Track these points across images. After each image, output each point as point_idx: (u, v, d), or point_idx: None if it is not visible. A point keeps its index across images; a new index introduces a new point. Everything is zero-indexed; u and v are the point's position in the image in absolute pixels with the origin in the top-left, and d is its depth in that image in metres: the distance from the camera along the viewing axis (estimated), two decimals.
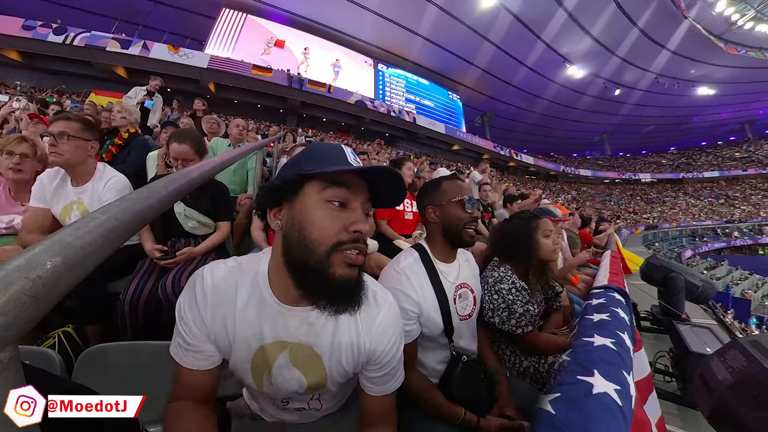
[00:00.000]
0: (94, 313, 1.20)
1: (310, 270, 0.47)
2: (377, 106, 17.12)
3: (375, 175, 0.52)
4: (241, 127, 2.59)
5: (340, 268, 0.47)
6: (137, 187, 0.45)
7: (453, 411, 0.79)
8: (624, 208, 25.92)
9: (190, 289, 0.54)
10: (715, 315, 3.74)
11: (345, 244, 0.47)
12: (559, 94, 25.82)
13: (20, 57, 11.49)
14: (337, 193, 0.48)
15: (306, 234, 0.47)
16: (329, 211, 0.48)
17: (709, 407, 0.97)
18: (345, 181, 0.49)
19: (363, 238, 0.49)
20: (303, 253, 0.47)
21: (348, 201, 0.49)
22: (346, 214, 0.49)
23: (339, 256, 0.47)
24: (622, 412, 0.49)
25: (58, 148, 1.18)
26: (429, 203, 0.95)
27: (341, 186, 0.49)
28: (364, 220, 0.49)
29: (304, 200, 0.49)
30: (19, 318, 0.21)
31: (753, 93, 27.18)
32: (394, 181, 0.53)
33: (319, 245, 0.46)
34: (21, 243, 1.26)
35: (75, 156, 1.22)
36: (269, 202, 0.52)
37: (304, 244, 0.47)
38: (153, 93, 3.95)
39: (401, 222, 2.06)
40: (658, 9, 19.12)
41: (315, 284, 0.48)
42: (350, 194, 0.49)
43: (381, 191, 0.54)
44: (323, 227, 0.47)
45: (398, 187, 0.54)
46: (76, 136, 1.21)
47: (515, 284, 1.05)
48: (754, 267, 14.00)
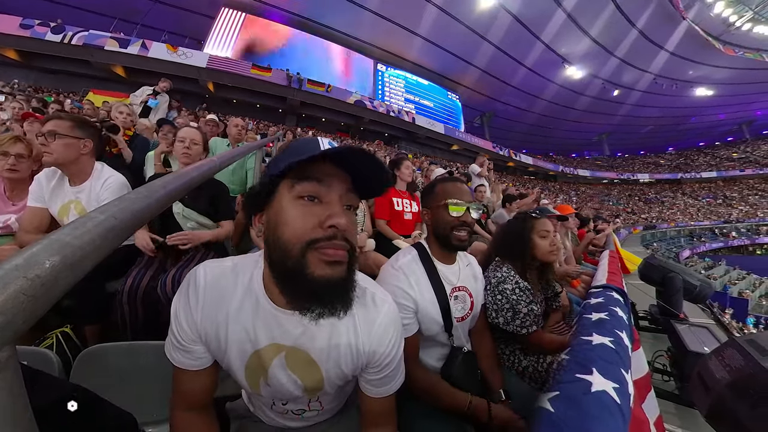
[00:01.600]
0: (92, 313, 1.19)
1: (288, 272, 0.44)
2: (376, 106, 17.11)
3: (351, 161, 0.47)
4: (240, 126, 2.59)
5: (318, 268, 0.43)
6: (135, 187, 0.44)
7: (459, 398, 0.79)
8: (622, 208, 26.00)
9: (184, 288, 0.53)
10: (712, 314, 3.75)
11: (320, 241, 0.43)
12: (558, 94, 25.88)
13: (18, 56, 11.43)
14: (306, 187, 0.45)
15: (279, 235, 0.44)
16: (300, 207, 0.45)
17: (706, 406, 0.98)
18: (316, 174, 0.46)
19: (341, 234, 0.44)
20: (280, 255, 0.44)
21: (320, 195, 0.46)
22: (320, 208, 0.45)
23: (315, 254, 0.43)
24: (620, 410, 0.49)
25: (49, 147, 1.17)
26: (424, 206, 0.96)
27: (311, 180, 0.45)
28: (341, 214, 0.45)
29: (279, 201, 0.47)
30: (17, 317, 0.21)
31: (750, 94, 27.32)
32: (370, 163, 0.47)
33: (292, 246, 0.43)
34: (19, 243, 1.25)
35: (66, 155, 1.21)
36: (253, 209, 0.50)
37: (279, 246, 0.44)
38: (158, 93, 4.01)
39: (400, 222, 2.06)
40: (656, 10, 19.20)
41: (295, 287, 0.45)
42: (322, 187, 0.46)
43: (365, 179, 0.49)
44: (295, 226, 0.44)
45: (376, 169, 0.48)
46: (66, 135, 1.20)
47: (519, 284, 1.05)
48: (752, 267, 14.07)
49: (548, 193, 21.78)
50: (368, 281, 0.61)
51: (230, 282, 0.53)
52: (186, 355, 0.53)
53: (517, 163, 25.62)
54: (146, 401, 0.75)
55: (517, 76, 23.39)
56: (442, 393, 0.80)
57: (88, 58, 11.71)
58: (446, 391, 0.80)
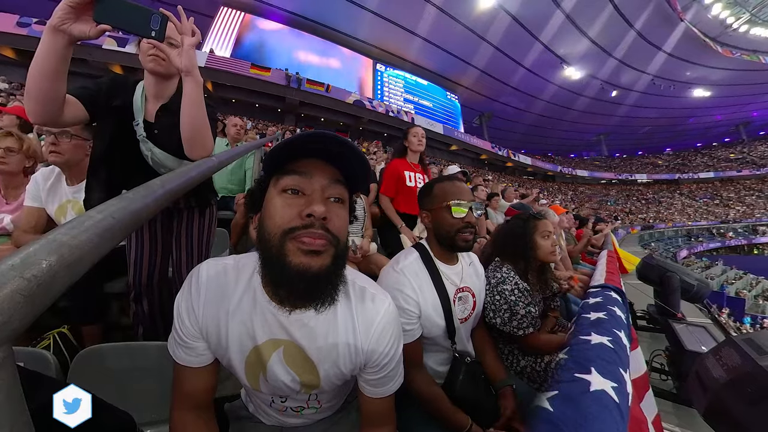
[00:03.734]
0: (90, 314, 1.18)
1: (270, 262, 0.46)
2: (375, 106, 17.12)
3: (335, 154, 0.48)
4: (238, 126, 2.58)
5: (295, 256, 0.44)
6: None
7: (459, 420, 0.78)
8: (620, 208, 26.11)
9: (187, 283, 0.54)
10: (710, 314, 3.77)
11: (297, 230, 0.45)
12: (556, 95, 25.97)
13: (15, 54, 11.35)
14: (289, 181, 0.47)
15: (264, 227, 0.47)
16: (284, 199, 0.47)
17: (704, 404, 0.98)
18: (299, 167, 0.48)
19: (320, 223, 0.45)
20: (264, 246, 0.47)
21: (302, 187, 0.47)
22: (302, 200, 0.47)
23: (293, 243, 0.45)
24: (618, 409, 0.49)
25: (60, 147, 1.16)
26: (422, 208, 0.92)
27: (292, 173, 0.48)
28: (319, 202, 0.46)
29: (268, 197, 0.49)
30: (14, 318, 0.21)
31: (747, 95, 27.51)
32: (349, 152, 0.48)
33: (273, 235, 0.45)
34: (15, 243, 1.24)
35: (75, 155, 1.21)
36: (253, 208, 0.52)
37: (263, 238, 0.47)
38: None
39: (411, 200, 1.79)
40: (654, 11, 19.29)
41: (275, 276, 0.47)
42: (303, 179, 0.47)
43: (352, 171, 0.51)
44: (276, 216, 0.46)
45: (354, 158, 0.49)
46: (78, 135, 1.20)
47: (518, 285, 1.05)
48: (749, 267, 14.14)
49: (547, 193, 21.85)
50: (367, 281, 0.61)
51: (231, 279, 0.54)
52: (188, 352, 0.53)
53: (516, 163, 25.67)
54: (145, 402, 0.74)
55: (515, 77, 23.44)
56: (443, 409, 0.79)
57: (86, 57, 11.63)
58: (447, 409, 0.79)
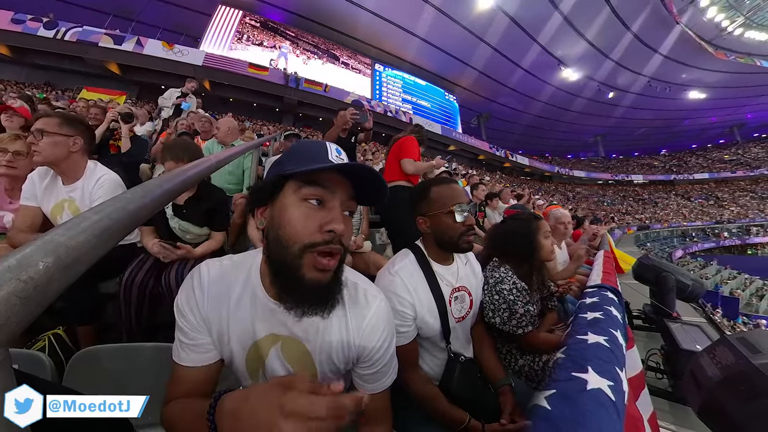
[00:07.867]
0: (86, 315, 1.18)
1: (283, 268, 0.47)
2: (374, 106, 17.11)
3: (355, 172, 0.51)
4: (228, 128, 2.47)
5: (309, 270, 0.46)
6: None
7: (457, 416, 0.78)
8: (617, 208, 26.32)
9: (188, 284, 0.55)
10: (704, 313, 3.82)
11: (318, 245, 0.46)
12: (554, 96, 26.10)
13: (9, 51, 11.20)
14: (313, 191, 0.48)
15: (281, 233, 0.47)
16: (305, 209, 0.48)
17: (698, 403, 0.99)
18: (322, 179, 0.49)
19: (338, 239, 0.47)
20: (279, 251, 0.48)
21: (325, 200, 0.49)
22: (322, 213, 0.48)
23: (311, 257, 0.46)
24: (615, 407, 0.50)
25: (37, 145, 1.16)
26: (418, 214, 0.90)
27: (317, 185, 0.48)
28: (340, 220, 0.48)
29: (283, 199, 0.49)
30: (10, 320, 0.21)
31: (742, 97, 27.82)
32: (372, 178, 0.52)
33: (292, 244, 0.46)
34: (11, 242, 1.22)
35: (55, 153, 1.19)
36: (257, 202, 0.53)
37: (280, 242, 0.47)
38: (187, 94, 4.02)
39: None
40: (651, 14, 19.46)
41: (286, 282, 0.48)
42: (327, 192, 0.49)
43: (365, 189, 0.53)
44: (297, 226, 0.47)
45: (377, 184, 0.52)
46: (53, 132, 1.18)
47: (516, 285, 1.06)
48: (743, 266, 14.31)
49: (544, 193, 21.97)
50: (361, 278, 0.63)
51: (231, 277, 0.55)
52: (194, 349, 0.53)
53: (514, 163, 25.79)
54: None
55: (513, 78, 23.52)
56: (440, 407, 0.79)
57: (82, 55, 11.51)
58: (444, 406, 0.79)
